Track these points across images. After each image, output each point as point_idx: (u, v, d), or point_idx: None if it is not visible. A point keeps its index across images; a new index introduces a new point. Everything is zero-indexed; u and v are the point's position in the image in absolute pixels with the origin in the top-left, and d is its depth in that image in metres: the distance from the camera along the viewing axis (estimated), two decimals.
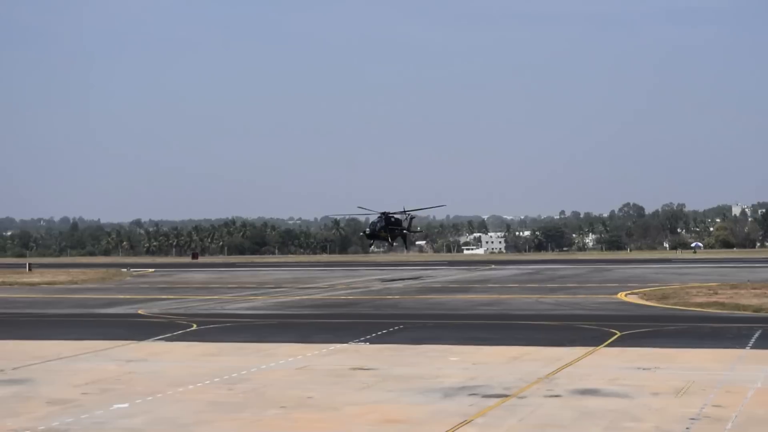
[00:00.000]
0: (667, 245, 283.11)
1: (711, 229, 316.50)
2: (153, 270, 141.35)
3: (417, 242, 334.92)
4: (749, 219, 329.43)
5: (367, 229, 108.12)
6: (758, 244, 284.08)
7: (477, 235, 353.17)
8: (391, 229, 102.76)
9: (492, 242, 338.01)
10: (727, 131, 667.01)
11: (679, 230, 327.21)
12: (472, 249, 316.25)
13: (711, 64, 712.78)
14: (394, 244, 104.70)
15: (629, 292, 74.52)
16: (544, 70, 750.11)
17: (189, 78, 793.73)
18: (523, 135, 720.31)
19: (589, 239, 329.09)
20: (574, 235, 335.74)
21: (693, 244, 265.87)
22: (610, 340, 42.61)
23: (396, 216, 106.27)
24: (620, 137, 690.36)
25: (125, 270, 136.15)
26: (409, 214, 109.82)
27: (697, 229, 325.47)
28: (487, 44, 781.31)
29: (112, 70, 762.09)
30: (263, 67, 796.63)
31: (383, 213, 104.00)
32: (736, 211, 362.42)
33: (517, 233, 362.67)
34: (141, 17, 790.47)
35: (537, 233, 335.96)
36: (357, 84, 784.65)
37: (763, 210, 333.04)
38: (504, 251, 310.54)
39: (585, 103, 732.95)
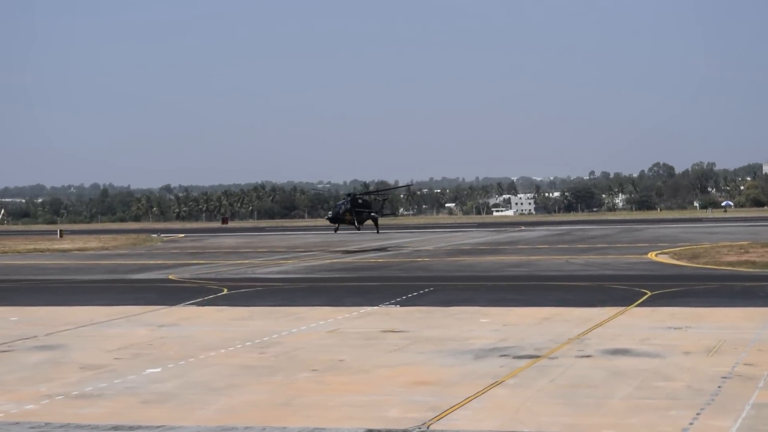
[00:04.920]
0: (698, 204, 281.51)
1: (741, 187, 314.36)
2: (183, 235, 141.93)
3: (447, 204, 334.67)
4: None
5: (330, 213, 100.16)
6: None
7: (506, 196, 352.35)
8: (358, 212, 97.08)
9: (521, 204, 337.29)
10: (757, 89, 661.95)
11: (709, 189, 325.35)
12: (501, 210, 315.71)
13: (741, 22, 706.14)
14: (361, 228, 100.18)
15: (659, 251, 74.19)
16: (575, 31, 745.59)
17: (218, 45, 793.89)
18: (551, 96, 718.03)
19: (619, 199, 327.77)
20: (603, 196, 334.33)
21: (723, 203, 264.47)
22: (640, 300, 42.47)
23: (364, 198, 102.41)
24: (649, 97, 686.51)
25: (156, 235, 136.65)
26: (380, 197, 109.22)
27: (728, 188, 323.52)
28: (512, 3, 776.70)
29: (139, 34, 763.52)
30: (294, 31, 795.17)
31: (349, 194, 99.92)
32: (766, 169, 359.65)
33: (546, 194, 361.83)
34: None
35: (566, 194, 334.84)
36: (386, 46, 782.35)
37: None
38: (533, 212, 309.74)
39: (613, 63, 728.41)
